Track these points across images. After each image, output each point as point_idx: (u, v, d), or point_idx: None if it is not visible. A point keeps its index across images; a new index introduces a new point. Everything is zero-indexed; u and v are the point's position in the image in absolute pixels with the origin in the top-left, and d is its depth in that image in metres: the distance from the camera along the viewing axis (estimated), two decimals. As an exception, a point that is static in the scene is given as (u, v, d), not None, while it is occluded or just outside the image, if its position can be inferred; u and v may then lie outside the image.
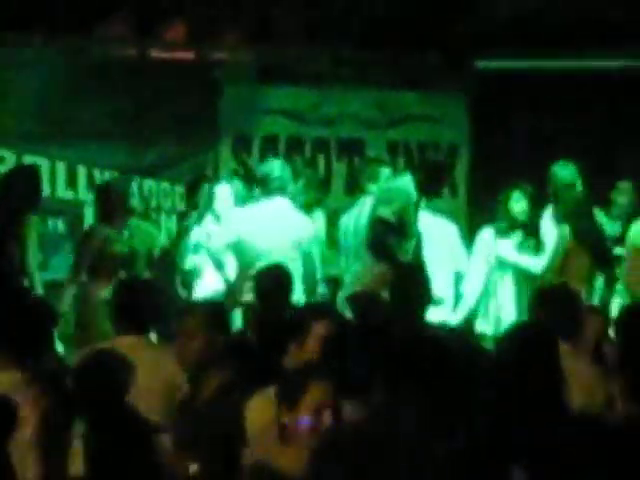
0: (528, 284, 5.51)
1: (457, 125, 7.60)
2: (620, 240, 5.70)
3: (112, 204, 5.41)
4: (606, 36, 7.07)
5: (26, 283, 5.02)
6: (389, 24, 7.07)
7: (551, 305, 3.72)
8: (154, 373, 3.26)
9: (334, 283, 5.85)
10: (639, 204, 6.00)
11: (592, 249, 5.40)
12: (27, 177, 5.56)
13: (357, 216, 5.63)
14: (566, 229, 5.37)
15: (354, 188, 6.72)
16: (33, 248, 5.16)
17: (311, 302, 4.91)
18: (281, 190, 5.22)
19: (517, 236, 5.71)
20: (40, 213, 6.15)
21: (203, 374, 3.09)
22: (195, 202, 6.12)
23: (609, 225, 5.89)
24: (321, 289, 5.53)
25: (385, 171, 5.85)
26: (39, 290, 4.99)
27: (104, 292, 4.83)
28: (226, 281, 5.37)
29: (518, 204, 5.69)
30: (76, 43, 6.73)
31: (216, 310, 3.47)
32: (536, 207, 5.77)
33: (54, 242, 6.57)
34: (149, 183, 6.88)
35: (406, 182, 5.43)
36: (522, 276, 5.61)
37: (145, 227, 5.92)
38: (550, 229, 5.59)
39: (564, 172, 5.66)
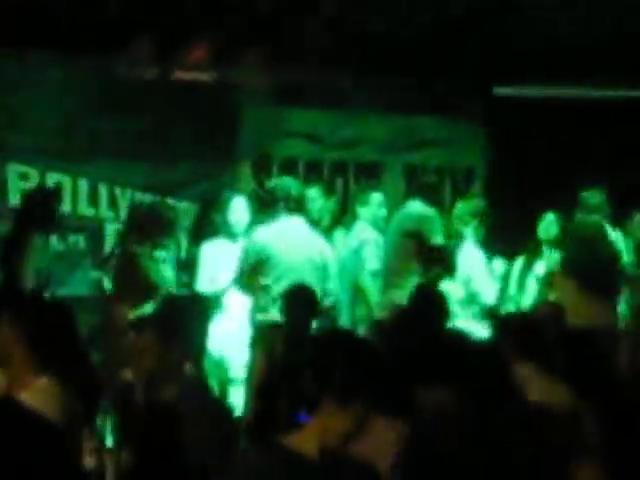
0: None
1: (474, 150, 7.79)
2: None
3: (147, 224, 5.53)
4: (621, 67, 7.25)
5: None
6: (408, 49, 7.21)
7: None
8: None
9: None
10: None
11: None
12: (44, 198, 5.78)
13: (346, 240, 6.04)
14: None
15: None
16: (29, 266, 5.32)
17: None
18: (299, 209, 5.32)
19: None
20: (61, 229, 6.36)
21: (155, 390, 3.13)
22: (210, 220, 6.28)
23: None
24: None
25: (376, 196, 6.11)
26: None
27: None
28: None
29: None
30: (99, 63, 6.87)
31: (169, 325, 3.41)
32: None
33: (74, 258, 6.71)
34: (169, 202, 6.95)
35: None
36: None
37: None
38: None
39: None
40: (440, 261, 5.54)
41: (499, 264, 6.48)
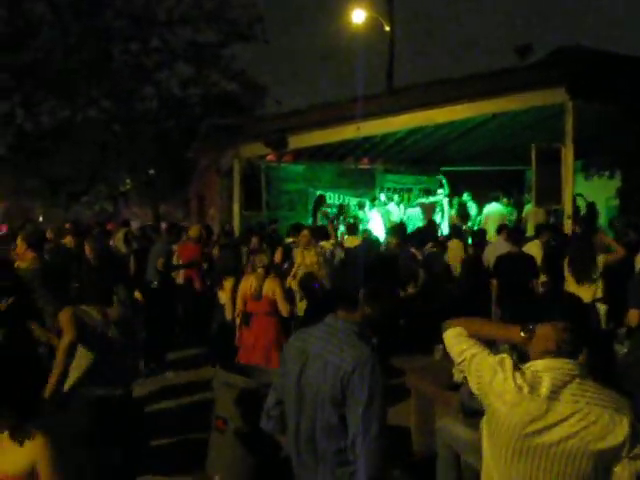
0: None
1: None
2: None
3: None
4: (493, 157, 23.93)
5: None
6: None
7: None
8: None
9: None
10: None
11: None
12: (320, 197, 23.30)
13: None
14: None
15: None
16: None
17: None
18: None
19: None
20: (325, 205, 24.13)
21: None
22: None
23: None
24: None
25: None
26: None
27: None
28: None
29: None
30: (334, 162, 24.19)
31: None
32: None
33: (332, 214, 24.01)
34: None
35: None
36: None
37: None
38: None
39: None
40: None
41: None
